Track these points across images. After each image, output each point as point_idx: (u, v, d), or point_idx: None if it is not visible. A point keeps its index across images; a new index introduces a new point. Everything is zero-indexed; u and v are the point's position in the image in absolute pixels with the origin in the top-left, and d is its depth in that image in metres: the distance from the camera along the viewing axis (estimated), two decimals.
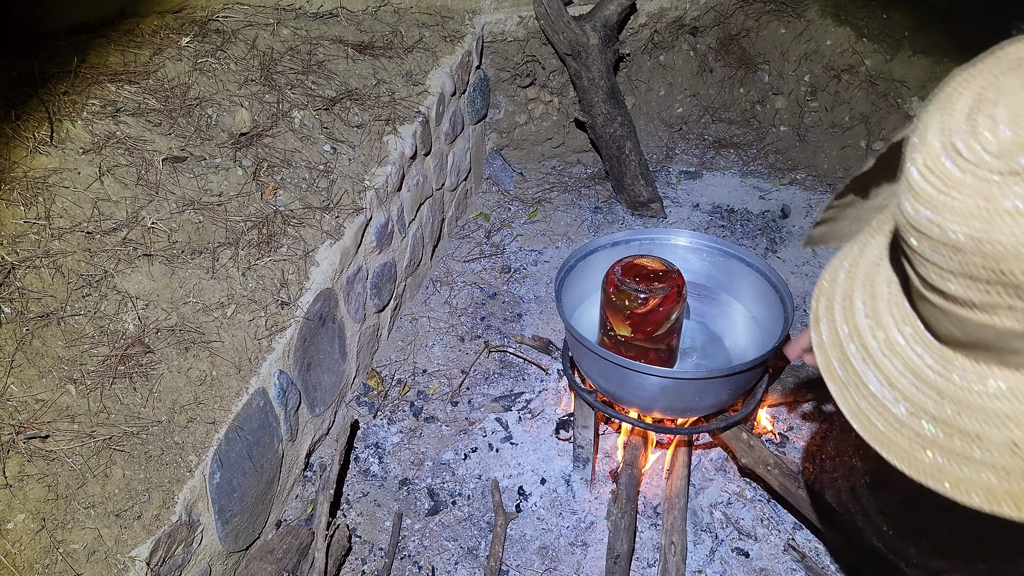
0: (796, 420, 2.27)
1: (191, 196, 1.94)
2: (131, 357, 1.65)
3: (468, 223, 3.15)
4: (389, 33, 2.77)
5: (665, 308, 1.74)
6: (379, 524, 2.03)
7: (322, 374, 2.10)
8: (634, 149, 3.12)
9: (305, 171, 2.20)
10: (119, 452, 1.53)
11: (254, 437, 1.77)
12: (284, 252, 2.00)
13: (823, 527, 1.80)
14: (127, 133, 1.96)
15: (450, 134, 2.86)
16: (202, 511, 1.61)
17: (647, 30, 3.33)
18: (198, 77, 2.20)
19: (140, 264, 1.78)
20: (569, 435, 2.19)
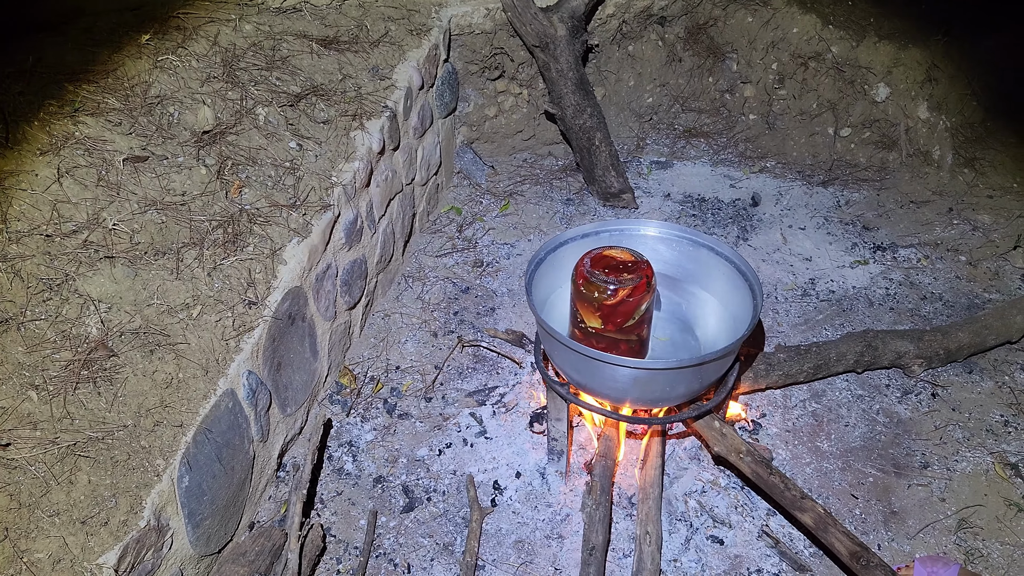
0: (768, 407, 2.28)
1: (153, 196, 1.91)
2: (94, 361, 1.62)
3: (440, 218, 3.13)
4: (354, 27, 2.74)
5: (635, 299, 1.74)
6: (354, 523, 2.01)
7: (293, 373, 2.08)
8: (604, 140, 3.11)
9: (271, 168, 2.17)
10: (84, 458, 1.51)
11: (223, 439, 1.75)
12: (251, 251, 1.98)
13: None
14: (86, 133, 1.93)
15: (419, 128, 2.83)
16: (171, 515, 1.59)
17: (615, 20, 3.33)
18: (159, 75, 2.17)
19: (102, 266, 1.74)
20: (543, 428, 2.19)
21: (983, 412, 2.26)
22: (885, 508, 2.02)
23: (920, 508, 2.01)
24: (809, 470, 2.11)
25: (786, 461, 2.13)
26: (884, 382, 2.35)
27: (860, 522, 1.99)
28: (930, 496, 2.04)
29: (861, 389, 2.33)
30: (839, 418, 2.25)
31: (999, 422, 2.23)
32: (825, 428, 2.22)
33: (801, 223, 3.02)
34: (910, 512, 2.00)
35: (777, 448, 2.17)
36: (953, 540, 1.93)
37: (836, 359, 2.28)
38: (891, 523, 1.98)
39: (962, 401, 2.29)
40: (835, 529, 1.73)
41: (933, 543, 1.93)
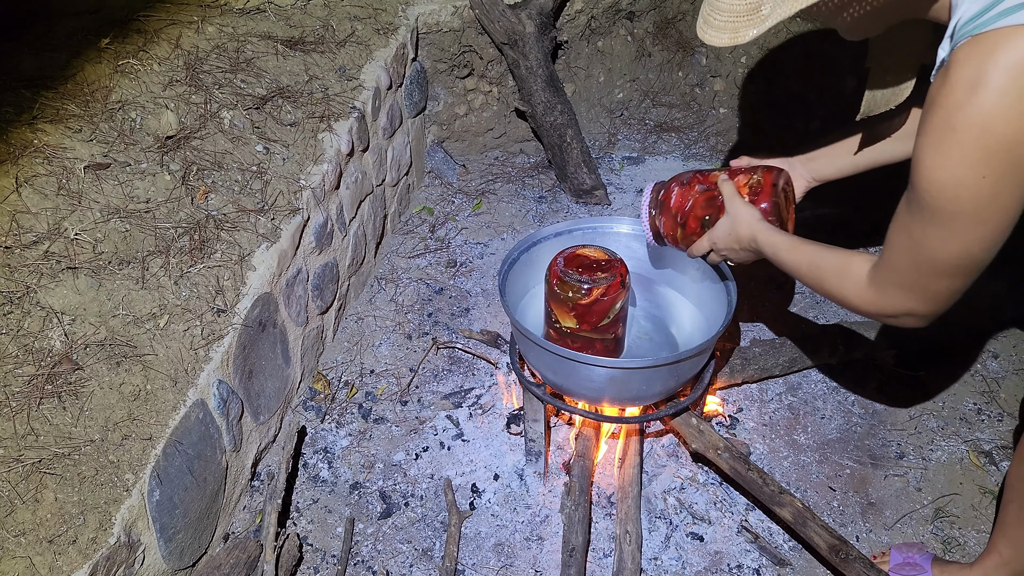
0: (745, 401, 2.28)
1: (116, 204, 1.87)
2: (59, 375, 1.58)
3: (412, 218, 3.10)
4: (320, 27, 2.71)
5: (609, 298, 1.73)
6: (331, 531, 1.99)
7: (265, 381, 2.05)
8: (575, 136, 3.10)
9: (237, 173, 2.14)
10: (50, 475, 1.47)
11: (195, 450, 1.72)
12: (218, 258, 1.94)
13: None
14: (45, 141, 1.88)
15: (388, 129, 2.80)
16: (142, 530, 1.56)
17: (584, 16, 3.32)
18: (119, 79, 2.12)
19: (64, 278, 1.70)
20: (520, 429, 2.18)
21: (956, 401, 2.28)
22: (862, 499, 2.03)
23: (897, 498, 2.02)
24: (787, 464, 2.12)
25: (764, 455, 2.14)
26: (859, 373, 2.37)
27: (838, 514, 1.99)
28: (906, 486, 2.05)
29: (836, 381, 2.34)
30: (815, 411, 2.26)
31: (972, 410, 2.24)
32: (802, 421, 2.23)
33: None
34: (887, 503, 2.02)
35: (754, 442, 2.17)
36: (930, 529, 1.95)
37: (811, 352, 2.29)
38: (868, 514, 1.99)
39: (935, 390, 2.31)
40: (814, 523, 1.73)
41: (911, 533, 1.94)
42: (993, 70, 0.91)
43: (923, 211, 1.06)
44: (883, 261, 1.22)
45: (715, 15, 1.17)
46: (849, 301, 1.32)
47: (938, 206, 1.03)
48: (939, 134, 0.98)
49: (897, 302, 1.22)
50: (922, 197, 1.05)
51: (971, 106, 0.93)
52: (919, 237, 1.10)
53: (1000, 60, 0.91)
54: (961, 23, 0.99)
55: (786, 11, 1.08)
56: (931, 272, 1.13)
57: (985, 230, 1.04)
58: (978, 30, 0.94)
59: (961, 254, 1.08)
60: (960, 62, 0.95)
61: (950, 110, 0.96)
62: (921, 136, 1.02)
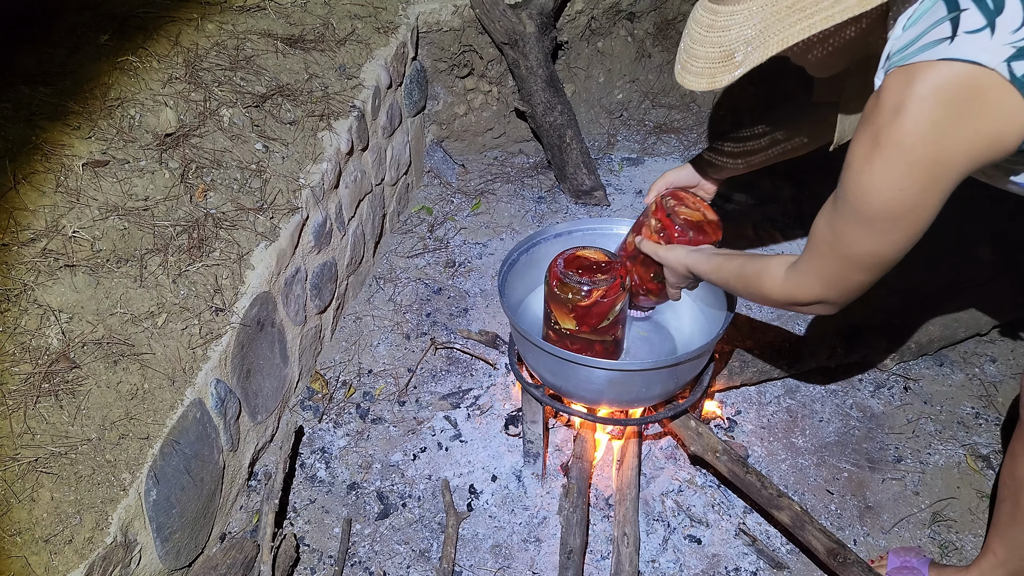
0: (743, 404, 2.28)
1: (115, 202, 1.86)
2: (56, 373, 1.58)
3: (410, 217, 3.10)
4: (320, 26, 2.70)
5: (609, 299, 1.72)
6: (328, 531, 1.98)
7: (263, 380, 2.04)
8: (575, 137, 3.10)
9: (236, 171, 2.13)
10: (46, 474, 1.46)
11: (192, 450, 1.71)
12: (217, 256, 1.93)
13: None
14: (43, 138, 1.87)
15: (388, 128, 2.80)
16: (139, 530, 1.55)
17: (584, 16, 3.31)
18: (119, 76, 2.11)
19: (62, 275, 1.69)
20: (519, 430, 2.17)
21: (954, 405, 2.28)
22: (860, 503, 2.02)
23: (894, 502, 2.02)
24: (784, 466, 2.12)
25: (762, 458, 2.14)
26: (857, 376, 2.37)
27: (836, 517, 1.99)
28: (904, 490, 2.05)
29: (834, 384, 2.34)
30: (813, 413, 2.26)
31: (970, 414, 2.24)
32: (800, 424, 2.23)
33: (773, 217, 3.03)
34: (885, 506, 2.01)
35: (753, 445, 2.17)
36: (927, 533, 1.95)
37: (809, 355, 2.28)
38: (866, 518, 1.99)
39: (933, 394, 2.31)
40: (812, 527, 1.73)
41: (908, 537, 1.94)
42: (911, 99, 1.05)
43: (847, 210, 1.20)
44: (807, 252, 1.35)
45: (692, 62, 1.27)
46: (769, 296, 1.45)
47: (860, 208, 1.17)
48: (868, 147, 1.12)
49: (812, 291, 1.36)
50: (847, 198, 1.19)
51: (894, 127, 1.07)
52: (840, 232, 1.24)
53: (917, 90, 1.05)
54: (892, 52, 1.12)
55: (758, 59, 1.18)
56: (848, 264, 1.27)
57: (899, 235, 1.18)
58: (903, 61, 1.07)
59: (874, 253, 1.23)
60: (888, 88, 1.09)
61: (878, 128, 1.10)
62: (854, 145, 1.16)
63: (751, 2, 1.17)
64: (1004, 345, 2.45)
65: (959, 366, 2.39)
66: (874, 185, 1.13)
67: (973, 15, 1.03)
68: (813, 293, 1.36)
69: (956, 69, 1.03)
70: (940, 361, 2.41)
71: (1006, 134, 1.06)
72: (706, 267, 1.63)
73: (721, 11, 1.22)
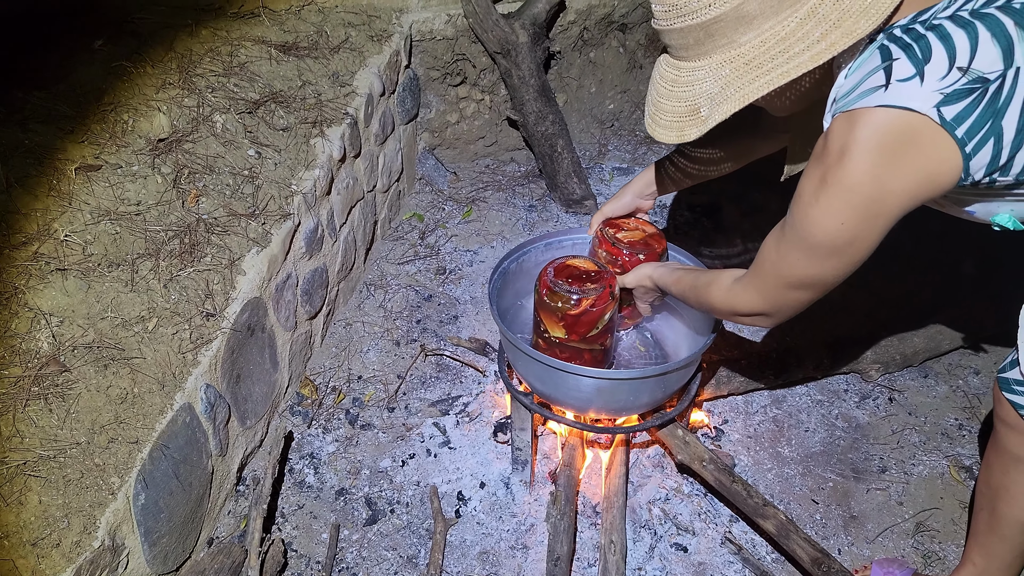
0: (730, 413, 2.30)
1: (107, 206, 1.87)
2: (46, 377, 1.58)
3: (402, 224, 3.11)
4: (314, 33, 2.71)
5: (598, 308, 1.74)
6: (316, 537, 1.99)
7: (253, 385, 2.05)
8: (566, 147, 3.12)
9: (229, 177, 2.14)
10: (34, 477, 1.47)
11: (181, 455, 1.72)
12: (208, 262, 1.94)
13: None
14: (36, 141, 1.88)
15: (380, 135, 2.81)
16: (127, 534, 1.55)
17: (576, 27, 3.34)
18: (112, 81, 2.12)
19: (53, 279, 1.70)
20: (507, 438, 2.18)
21: (938, 416, 2.30)
22: (845, 513, 2.04)
23: (879, 512, 2.04)
24: (771, 476, 2.13)
25: (748, 467, 2.15)
26: (843, 387, 2.39)
27: (821, 527, 2.01)
28: (888, 500, 2.07)
29: (820, 394, 2.36)
30: (799, 423, 2.28)
31: (953, 426, 2.27)
32: (786, 434, 2.25)
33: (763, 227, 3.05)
34: (869, 516, 2.03)
35: (739, 454, 2.19)
36: (911, 543, 1.97)
37: (796, 365, 2.31)
38: (851, 527, 2.01)
39: (918, 405, 2.33)
40: (797, 536, 1.75)
41: (892, 546, 1.96)
42: (853, 143, 1.13)
43: (793, 236, 1.28)
44: (753, 267, 1.44)
45: (660, 115, 1.35)
46: (713, 305, 1.55)
47: (804, 237, 1.25)
48: (815, 184, 1.20)
49: (752, 304, 1.45)
50: (795, 226, 1.27)
51: (839, 169, 1.15)
52: (784, 253, 1.32)
53: (858, 135, 1.13)
54: (837, 97, 1.20)
55: (723, 114, 1.24)
56: (786, 283, 1.36)
57: (838, 262, 1.26)
58: (845, 107, 1.15)
59: (814, 276, 1.31)
60: (833, 131, 1.17)
61: (826, 168, 1.18)
62: (804, 179, 1.24)
63: (710, 59, 1.25)
64: (987, 357, 2.48)
65: (943, 378, 2.42)
66: (819, 219, 1.21)
67: (904, 64, 1.11)
68: (753, 306, 1.45)
69: (892, 115, 1.10)
70: (924, 373, 2.43)
71: (941, 173, 1.13)
72: (668, 280, 1.73)
73: (683, 67, 1.30)
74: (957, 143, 1.10)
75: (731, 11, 1.18)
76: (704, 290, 1.57)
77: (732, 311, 1.51)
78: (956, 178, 1.14)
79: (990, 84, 1.09)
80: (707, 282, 1.57)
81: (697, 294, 1.60)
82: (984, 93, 1.09)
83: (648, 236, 1.95)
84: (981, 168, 1.13)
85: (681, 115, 1.30)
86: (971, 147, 1.10)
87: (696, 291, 1.60)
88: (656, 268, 1.78)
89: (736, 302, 1.48)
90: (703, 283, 1.58)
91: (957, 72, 1.09)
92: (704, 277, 1.59)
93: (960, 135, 1.09)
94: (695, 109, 1.28)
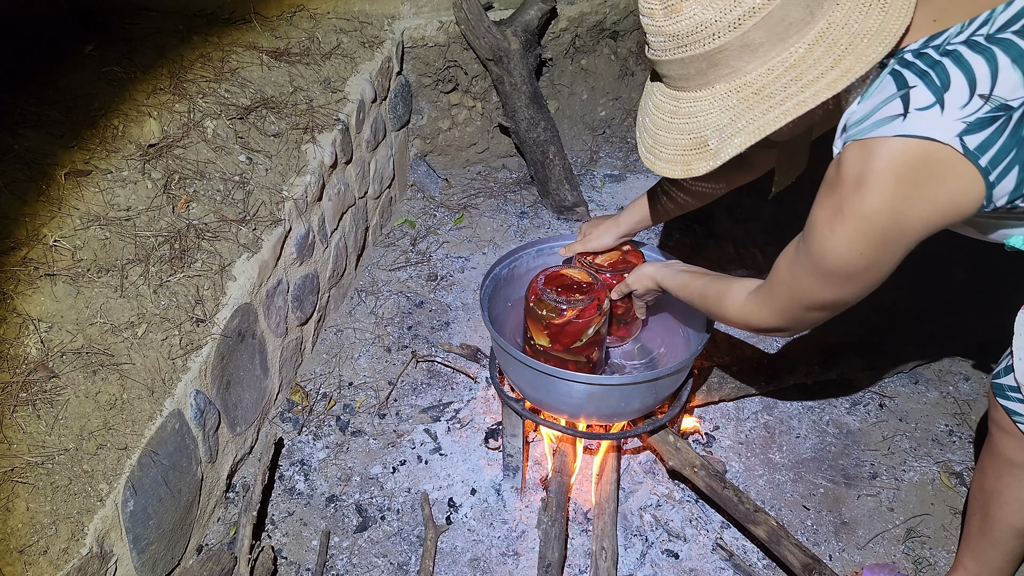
0: (722, 419, 2.30)
1: (97, 211, 1.86)
2: (34, 383, 1.57)
3: (393, 231, 3.11)
4: (305, 39, 2.71)
5: (583, 320, 1.73)
6: (306, 543, 1.98)
7: (243, 391, 2.04)
8: (558, 153, 3.12)
9: (219, 183, 2.13)
10: (22, 484, 1.45)
11: (170, 461, 1.71)
12: (199, 267, 1.93)
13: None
14: (26, 147, 1.87)
15: (372, 141, 2.81)
16: (115, 541, 1.54)
17: (568, 34, 3.35)
18: (103, 86, 2.11)
19: (42, 284, 1.69)
20: (499, 444, 2.18)
21: (929, 422, 2.31)
22: (836, 519, 2.04)
23: (869, 518, 2.04)
24: (762, 482, 2.13)
25: (739, 473, 2.15)
26: (834, 393, 2.39)
27: (812, 533, 2.01)
28: (879, 506, 2.07)
29: (811, 400, 2.37)
30: (790, 429, 2.28)
31: (944, 431, 2.28)
32: (777, 440, 2.25)
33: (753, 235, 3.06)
34: (860, 522, 2.04)
35: (730, 460, 2.19)
36: (902, 549, 1.97)
37: (787, 371, 2.31)
38: (842, 533, 2.01)
39: (908, 411, 2.34)
40: (788, 542, 1.75)
41: (882, 552, 1.96)
42: (871, 173, 1.11)
43: (808, 262, 1.26)
44: (766, 285, 1.42)
45: (660, 149, 1.28)
46: (727, 317, 1.53)
47: (820, 263, 1.23)
48: (830, 213, 1.18)
49: (767, 320, 1.43)
50: (810, 253, 1.24)
51: (856, 199, 1.13)
52: (799, 277, 1.30)
53: (876, 165, 1.10)
54: (848, 124, 1.17)
55: (736, 148, 1.19)
56: (802, 306, 1.35)
57: (855, 287, 1.25)
58: (860, 135, 1.12)
59: (831, 299, 1.30)
60: (848, 160, 1.14)
61: (841, 197, 1.15)
62: (817, 208, 1.22)
63: (713, 88, 1.20)
64: (977, 364, 2.49)
65: (934, 384, 2.43)
66: (835, 248, 1.19)
67: (922, 92, 1.08)
68: (768, 322, 1.44)
69: (911, 145, 1.08)
70: (915, 379, 2.44)
71: (962, 202, 1.12)
72: (673, 283, 1.69)
73: (683, 97, 1.24)
74: (981, 172, 1.08)
75: (735, 40, 1.13)
76: (715, 302, 1.54)
77: (746, 326, 1.50)
78: (978, 206, 1.12)
79: (1014, 111, 1.06)
80: (718, 293, 1.54)
81: (707, 304, 1.58)
82: (1008, 120, 1.06)
83: (625, 254, 1.97)
84: (1004, 195, 1.12)
85: (685, 148, 1.24)
86: (995, 175, 1.08)
87: (706, 300, 1.58)
88: (659, 269, 1.75)
89: (751, 319, 1.46)
90: (714, 293, 1.55)
91: (979, 100, 1.06)
92: (714, 287, 1.56)
93: (984, 164, 1.07)
94: (702, 142, 1.22)
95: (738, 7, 1.11)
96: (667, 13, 1.17)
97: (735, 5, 1.11)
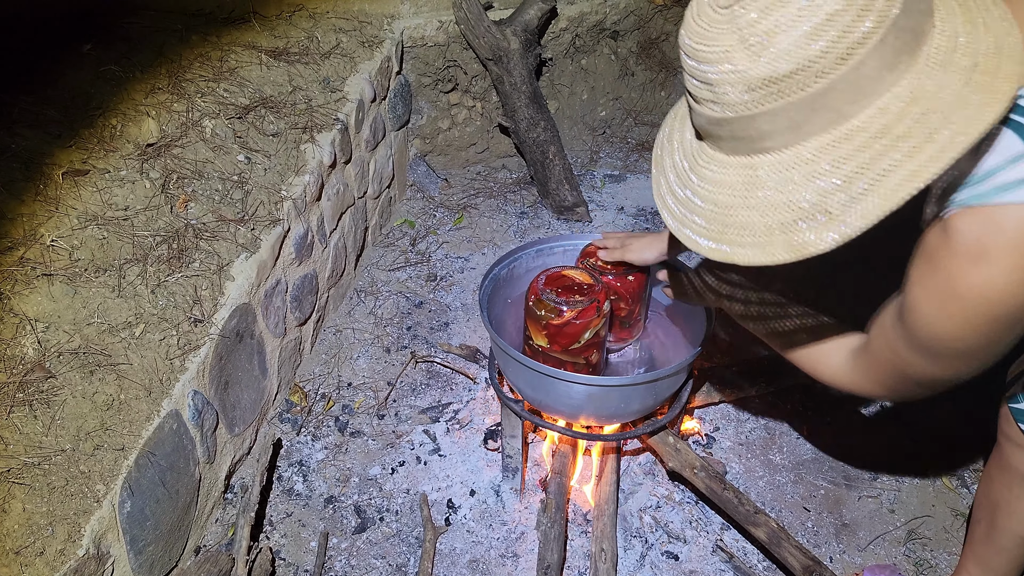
0: (722, 420, 2.29)
1: (94, 211, 1.85)
2: (31, 383, 1.56)
3: (393, 231, 3.10)
4: (304, 39, 2.71)
5: (582, 322, 1.72)
6: (304, 545, 1.97)
7: (241, 392, 2.03)
8: (558, 153, 3.12)
9: (218, 182, 2.12)
10: (18, 485, 1.45)
11: (168, 462, 1.70)
12: (197, 267, 1.93)
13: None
14: (24, 146, 1.86)
15: (371, 141, 2.80)
16: (112, 542, 1.53)
17: (568, 34, 3.34)
18: (101, 86, 2.11)
19: (39, 284, 1.68)
20: (498, 445, 2.17)
21: (930, 422, 2.29)
22: (836, 520, 2.04)
23: (870, 520, 2.04)
24: (762, 483, 2.13)
25: (739, 475, 2.15)
26: (834, 394, 2.38)
27: (812, 535, 2.00)
28: (880, 508, 2.07)
29: (812, 401, 2.36)
30: (791, 431, 2.27)
31: (945, 432, 2.26)
32: (777, 441, 2.24)
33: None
34: (861, 524, 2.03)
35: (731, 462, 2.18)
36: (903, 551, 1.96)
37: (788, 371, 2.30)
38: (842, 535, 2.00)
39: (909, 412, 2.33)
40: (788, 544, 1.74)
41: (883, 554, 1.96)
42: (996, 249, 0.92)
43: (913, 341, 1.07)
44: (865, 354, 1.23)
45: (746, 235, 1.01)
46: (824, 379, 1.35)
47: (931, 346, 1.05)
48: (942, 294, 0.99)
49: (871, 391, 1.26)
50: (915, 335, 1.06)
51: (976, 277, 0.94)
52: (904, 355, 1.11)
53: (1004, 240, 0.91)
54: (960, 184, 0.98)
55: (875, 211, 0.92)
56: (907, 381, 1.16)
57: (972, 365, 1.07)
58: (979, 200, 0.94)
59: (941, 378, 1.12)
60: (962, 230, 0.95)
61: (954, 275, 0.96)
62: (920, 288, 1.02)
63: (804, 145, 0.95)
64: None
65: None
66: (951, 332, 1.01)
67: None
68: (871, 392, 1.27)
69: None
70: None
71: None
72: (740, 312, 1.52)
73: (763, 163, 0.98)
74: None
75: (849, 73, 0.89)
76: (807, 359, 1.37)
77: (846, 390, 1.32)
78: None
79: None
80: (811, 350, 1.35)
81: (796, 356, 1.40)
82: None
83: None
84: None
85: (783, 225, 0.96)
86: None
87: (794, 353, 1.40)
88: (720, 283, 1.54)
89: (853, 387, 1.29)
90: (805, 351, 1.37)
91: None
92: (806, 343, 1.36)
93: None
94: (811, 214, 0.94)
95: (849, 34, 0.87)
96: (753, 53, 0.90)
97: (845, 32, 0.87)
